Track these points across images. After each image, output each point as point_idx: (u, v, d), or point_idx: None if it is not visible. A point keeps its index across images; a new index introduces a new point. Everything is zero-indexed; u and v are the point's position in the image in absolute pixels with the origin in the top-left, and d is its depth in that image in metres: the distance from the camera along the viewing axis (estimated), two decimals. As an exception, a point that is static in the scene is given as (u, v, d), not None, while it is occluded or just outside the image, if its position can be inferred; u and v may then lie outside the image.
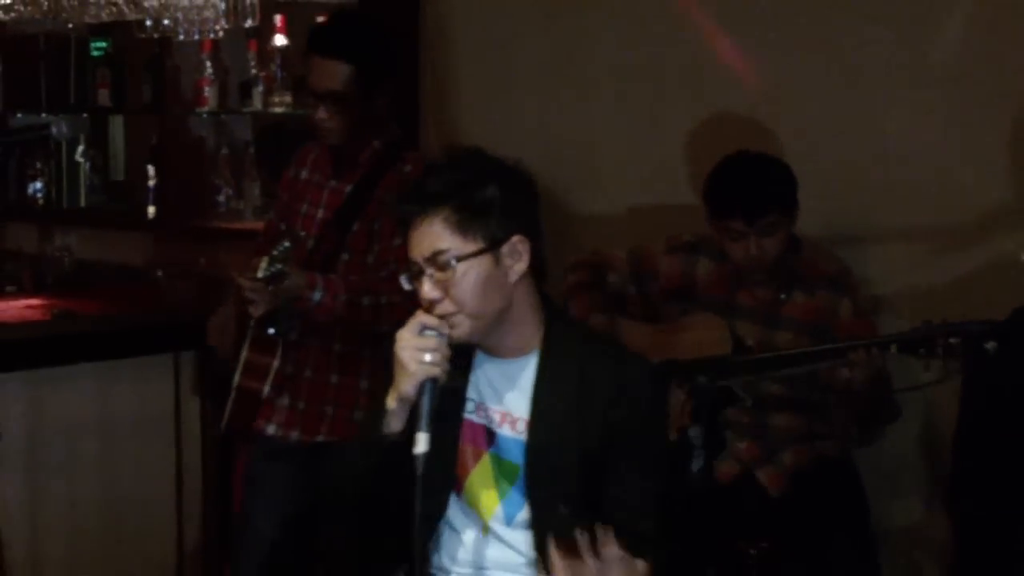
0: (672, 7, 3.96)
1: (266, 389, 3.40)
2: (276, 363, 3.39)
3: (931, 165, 3.56)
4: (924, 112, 3.56)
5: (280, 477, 3.53)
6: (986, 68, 3.47)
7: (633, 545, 2.25)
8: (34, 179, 5.21)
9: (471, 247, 2.40)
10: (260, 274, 3.18)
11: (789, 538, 3.31)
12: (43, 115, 5.22)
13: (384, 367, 2.53)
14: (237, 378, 3.42)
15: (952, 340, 3.03)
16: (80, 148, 5.21)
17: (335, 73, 3.32)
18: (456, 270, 2.40)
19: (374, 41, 3.42)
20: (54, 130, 5.26)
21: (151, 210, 4.93)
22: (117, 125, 5.26)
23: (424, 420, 2.35)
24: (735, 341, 3.36)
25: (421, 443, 2.32)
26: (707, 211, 3.41)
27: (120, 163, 5.28)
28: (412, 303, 3.19)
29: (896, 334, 3.17)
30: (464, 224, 2.40)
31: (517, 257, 2.44)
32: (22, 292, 4.79)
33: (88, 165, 5.20)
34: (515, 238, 2.43)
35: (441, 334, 2.40)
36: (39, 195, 5.23)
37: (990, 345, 2.91)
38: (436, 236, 2.40)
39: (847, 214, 3.69)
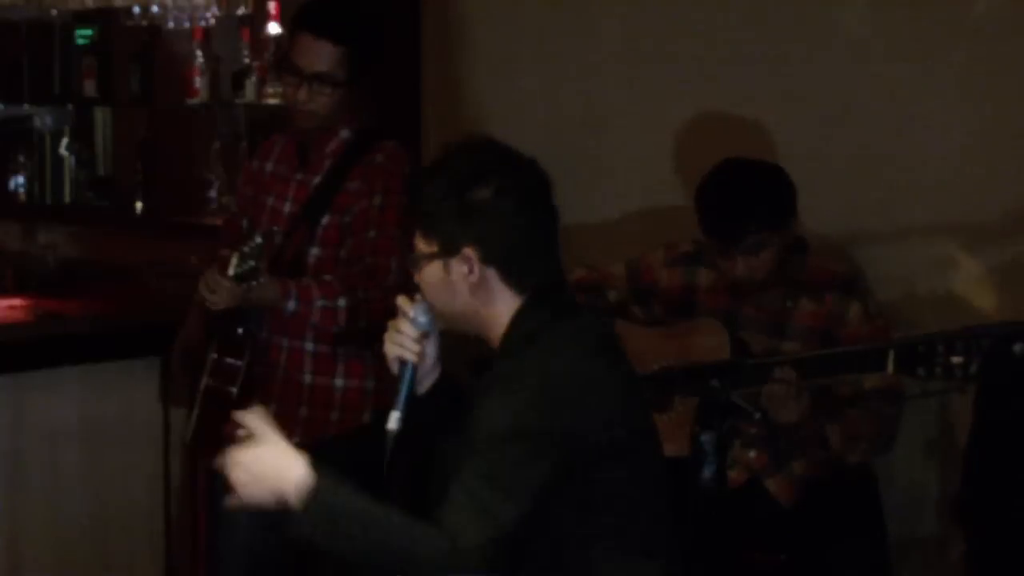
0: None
1: (234, 391, 3.36)
2: (243, 364, 3.36)
3: (952, 162, 3.51)
4: (944, 108, 3.51)
5: None
6: (1007, 63, 3.42)
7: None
8: (16, 173, 5.18)
9: (426, 250, 2.47)
10: (232, 271, 3.14)
11: (799, 548, 3.26)
12: (25, 106, 5.20)
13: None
14: (205, 381, 3.38)
15: (954, 359, 2.92)
16: (64, 141, 5.17)
17: (325, 54, 3.29)
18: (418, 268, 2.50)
19: (367, 24, 3.41)
20: (37, 122, 5.29)
21: (139, 206, 4.91)
22: (104, 117, 5.21)
23: (400, 399, 2.45)
24: (734, 345, 3.30)
25: (392, 420, 2.43)
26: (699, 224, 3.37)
27: (107, 158, 5.22)
28: (392, 298, 3.15)
29: (895, 339, 3.11)
30: (426, 227, 2.46)
31: (468, 268, 2.43)
32: (4, 292, 4.78)
33: (73, 159, 5.16)
34: (466, 250, 2.42)
35: (412, 318, 2.48)
36: (21, 190, 5.20)
37: (1018, 347, 2.80)
38: (416, 234, 2.50)
39: (863, 212, 3.64)
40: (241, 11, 4.47)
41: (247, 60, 4.58)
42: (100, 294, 4.68)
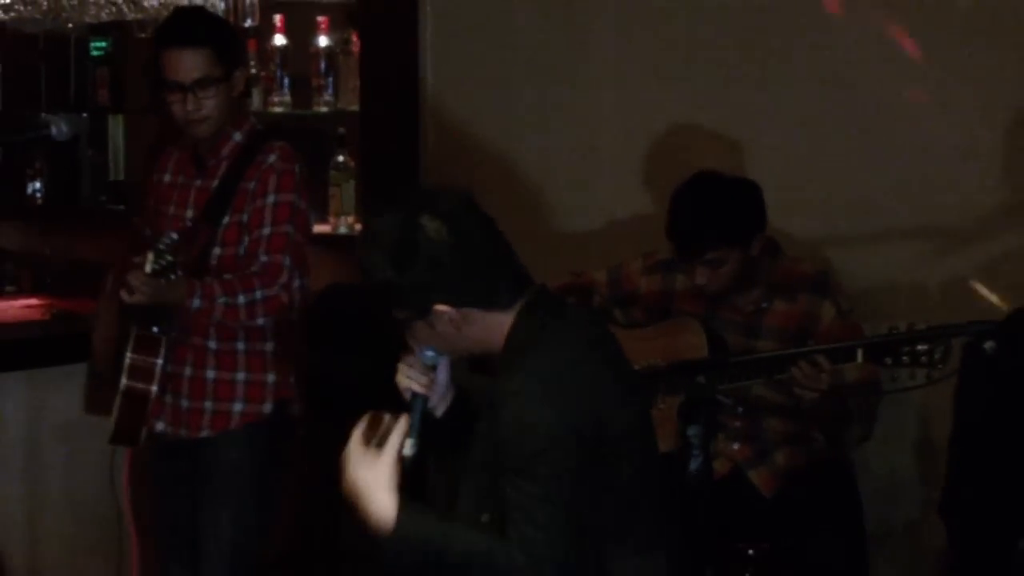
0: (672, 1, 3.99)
1: (154, 389, 3.42)
2: (160, 362, 3.42)
3: (928, 163, 3.56)
4: (919, 110, 3.57)
5: (179, 472, 3.58)
6: (983, 64, 3.47)
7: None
8: (33, 179, 5.20)
9: (404, 315, 2.52)
10: (148, 268, 3.22)
11: (780, 537, 3.32)
12: (42, 115, 5.19)
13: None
14: (124, 381, 3.42)
15: (920, 347, 3.02)
16: (79, 148, 5.19)
17: (197, 59, 3.39)
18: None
19: (221, 25, 3.56)
20: (53, 130, 5.23)
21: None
22: (116, 125, 5.25)
23: (413, 427, 2.50)
24: (713, 343, 3.36)
25: (407, 447, 2.47)
26: None
27: (119, 163, 5.26)
28: (288, 294, 3.29)
29: (865, 338, 3.18)
30: (392, 303, 2.51)
31: (448, 318, 2.48)
32: (20, 292, 4.80)
33: (87, 165, 5.18)
34: (436, 308, 2.47)
35: (420, 354, 2.55)
36: (38, 195, 5.21)
37: (988, 345, 2.87)
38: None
39: (841, 212, 3.70)
40: (248, 23, 4.51)
41: (253, 70, 4.59)
42: (112, 294, 4.72)
